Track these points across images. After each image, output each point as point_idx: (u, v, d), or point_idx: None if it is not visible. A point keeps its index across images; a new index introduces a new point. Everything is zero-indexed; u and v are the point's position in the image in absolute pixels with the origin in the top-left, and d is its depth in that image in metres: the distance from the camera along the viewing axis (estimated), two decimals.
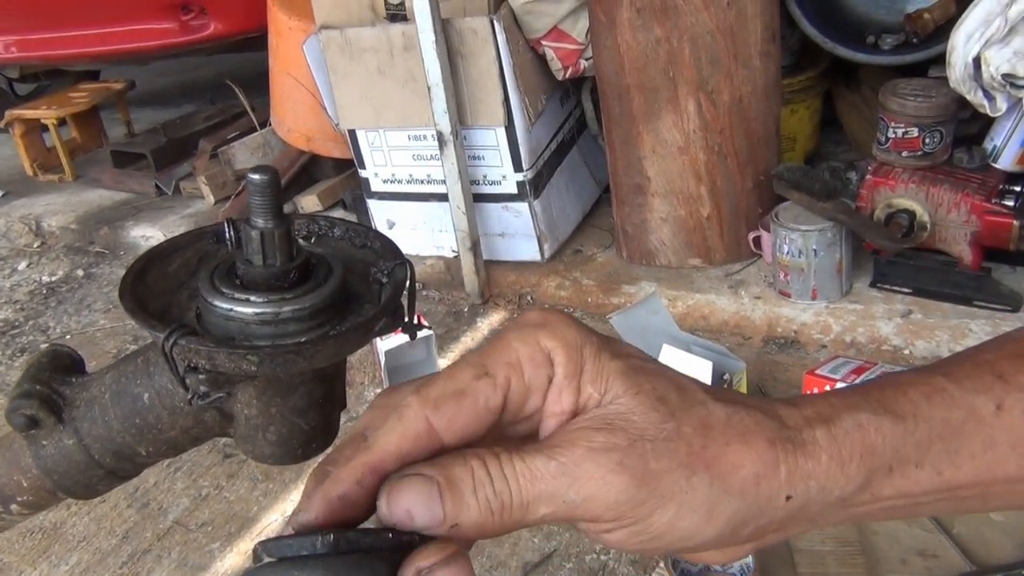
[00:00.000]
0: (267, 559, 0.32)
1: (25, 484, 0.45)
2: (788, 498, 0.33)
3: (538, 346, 0.35)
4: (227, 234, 0.42)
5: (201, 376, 0.39)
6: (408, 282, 0.42)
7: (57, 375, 0.44)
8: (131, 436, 0.43)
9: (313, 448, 0.44)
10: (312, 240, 0.46)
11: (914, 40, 2.34)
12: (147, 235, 3.19)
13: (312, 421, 0.44)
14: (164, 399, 0.42)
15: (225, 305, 0.39)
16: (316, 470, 0.36)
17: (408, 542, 0.32)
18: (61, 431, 0.43)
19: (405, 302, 0.44)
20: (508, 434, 0.36)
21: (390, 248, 0.44)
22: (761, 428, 0.34)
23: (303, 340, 0.39)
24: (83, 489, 0.44)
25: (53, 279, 3.11)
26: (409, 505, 0.31)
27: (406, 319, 0.43)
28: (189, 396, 0.39)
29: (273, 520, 1.77)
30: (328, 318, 0.40)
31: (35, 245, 3.38)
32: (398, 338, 1.96)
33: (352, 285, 0.42)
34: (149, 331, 0.37)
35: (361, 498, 0.33)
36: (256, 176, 0.38)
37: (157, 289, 0.42)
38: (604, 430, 0.33)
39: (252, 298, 0.39)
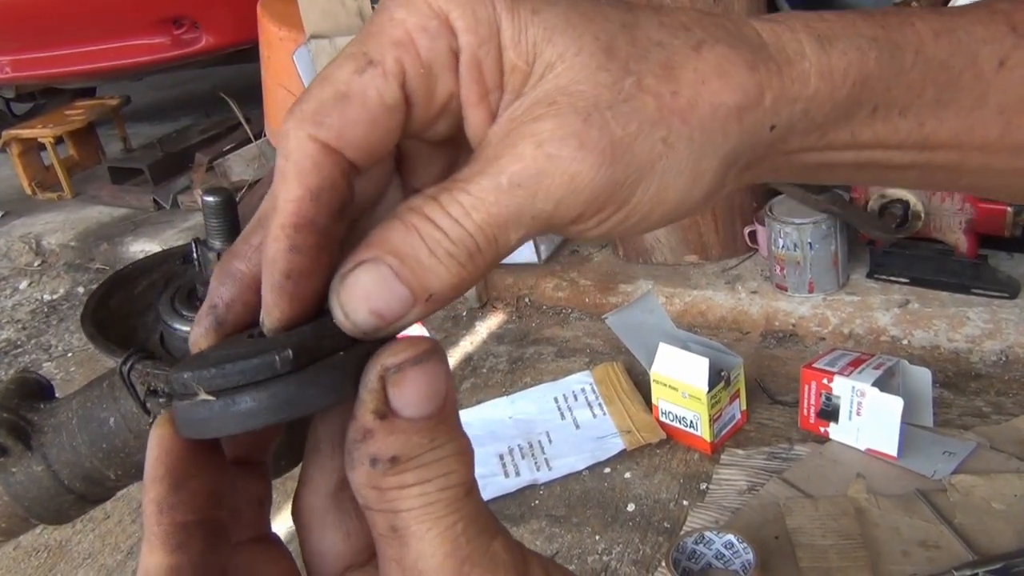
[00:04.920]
0: (203, 396, 0.24)
1: None
2: (772, 128, 0.29)
3: (429, 11, 0.27)
4: (194, 254, 0.42)
5: (161, 399, 0.39)
6: None
7: (25, 402, 0.44)
8: (99, 460, 0.43)
9: (281, 466, 0.45)
10: None
11: None
12: (147, 250, 3.19)
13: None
14: (130, 423, 0.42)
15: (184, 327, 0.39)
16: (220, 267, 0.29)
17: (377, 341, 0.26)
18: (30, 458, 0.43)
19: None
20: (431, 138, 0.29)
21: None
22: (737, 54, 0.28)
23: None
24: (54, 514, 0.44)
25: (54, 297, 3.12)
26: (368, 298, 0.25)
27: None
28: (150, 419, 0.39)
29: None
30: None
31: (36, 264, 3.40)
32: None
33: None
34: (107, 356, 0.37)
35: (302, 283, 0.26)
36: (210, 198, 0.38)
37: (122, 312, 0.42)
38: (548, 115, 0.26)
39: None
